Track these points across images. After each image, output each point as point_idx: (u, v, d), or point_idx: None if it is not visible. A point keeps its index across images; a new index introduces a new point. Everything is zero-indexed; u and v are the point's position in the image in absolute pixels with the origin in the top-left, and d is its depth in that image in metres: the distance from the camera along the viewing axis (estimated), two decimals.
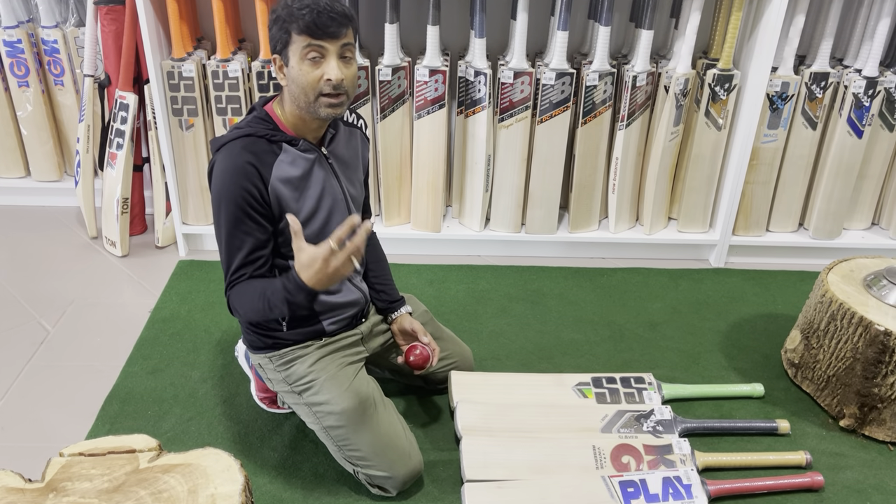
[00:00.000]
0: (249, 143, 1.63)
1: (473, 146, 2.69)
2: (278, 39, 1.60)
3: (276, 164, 1.64)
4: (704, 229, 2.89)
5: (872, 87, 2.62)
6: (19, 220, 3.04)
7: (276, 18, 1.59)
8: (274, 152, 1.65)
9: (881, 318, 1.96)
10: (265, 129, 1.66)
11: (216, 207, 1.64)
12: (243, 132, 1.65)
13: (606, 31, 2.52)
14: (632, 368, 2.28)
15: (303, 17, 1.54)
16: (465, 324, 2.46)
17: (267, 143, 1.65)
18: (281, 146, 1.66)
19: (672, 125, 2.65)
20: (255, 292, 1.64)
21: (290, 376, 1.80)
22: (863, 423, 2.04)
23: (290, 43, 1.58)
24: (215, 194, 1.64)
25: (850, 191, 2.81)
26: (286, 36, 1.58)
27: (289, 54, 1.59)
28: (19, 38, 2.81)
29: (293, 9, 1.56)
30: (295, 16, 1.55)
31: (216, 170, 1.64)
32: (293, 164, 1.67)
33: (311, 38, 1.56)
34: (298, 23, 1.55)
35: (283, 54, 1.61)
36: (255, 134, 1.64)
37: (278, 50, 1.61)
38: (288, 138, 1.67)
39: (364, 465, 1.77)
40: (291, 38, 1.57)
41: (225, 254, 1.67)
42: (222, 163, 1.63)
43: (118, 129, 2.71)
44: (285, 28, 1.57)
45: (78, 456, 1.37)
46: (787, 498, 1.86)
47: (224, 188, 1.62)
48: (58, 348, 2.32)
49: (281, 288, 1.59)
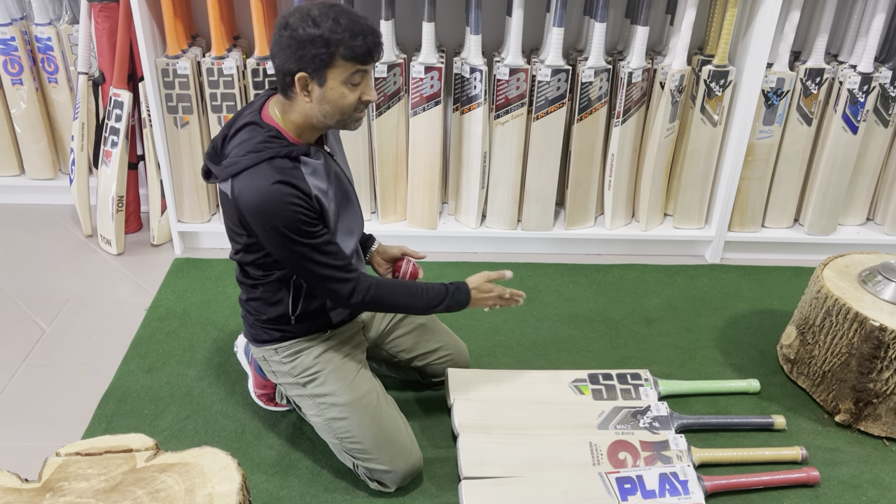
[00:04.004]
0: (277, 165, 1.58)
1: (469, 143, 2.69)
2: (313, 59, 1.52)
3: (306, 178, 1.61)
4: (700, 225, 2.90)
5: (867, 82, 2.62)
6: (14, 219, 3.03)
7: (313, 38, 1.50)
8: (298, 168, 1.61)
9: (876, 313, 1.97)
10: (282, 147, 1.60)
11: (276, 235, 1.58)
12: (265, 156, 1.58)
13: (602, 28, 2.52)
14: (628, 365, 2.29)
15: (358, 46, 1.51)
16: (461, 320, 2.46)
17: (289, 161, 1.61)
18: (300, 160, 1.63)
19: (668, 121, 2.66)
20: (409, 291, 1.76)
21: (295, 367, 1.81)
22: (858, 418, 2.05)
23: (331, 66, 1.53)
24: (271, 225, 1.57)
25: (845, 186, 2.82)
26: (328, 59, 1.52)
27: (327, 76, 1.54)
28: (13, 35, 2.79)
29: (343, 35, 1.50)
30: (346, 43, 1.51)
31: (254, 203, 1.56)
32: (315, 174, 1.65)
33: (360, 65, 1.55)
34: (352, 50, 1.51)
35: (317, 74, 1.54)
36: (277, 155, 1.59)
37: (311, 70, 1.54)
38: (303, 150, 1.63)
39: (364, 459, 1.77)
40: (335, 62, 1.53)
41: (315, 268, 1.63)
42: (259, 194, 1.55)
43: (113, 127, 2.70)
44: (330, 51, 1.51)
45: (74, 455, 1.37)
46: (783, 493, 1.87)
47: (277, 215, 1.55)
48: (53, 347, 2.32)
49: (443, 294, 1.79)
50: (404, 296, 1.76)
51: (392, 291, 1.74)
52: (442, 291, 1.79)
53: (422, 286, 1.78)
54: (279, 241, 1.59)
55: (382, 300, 1.73)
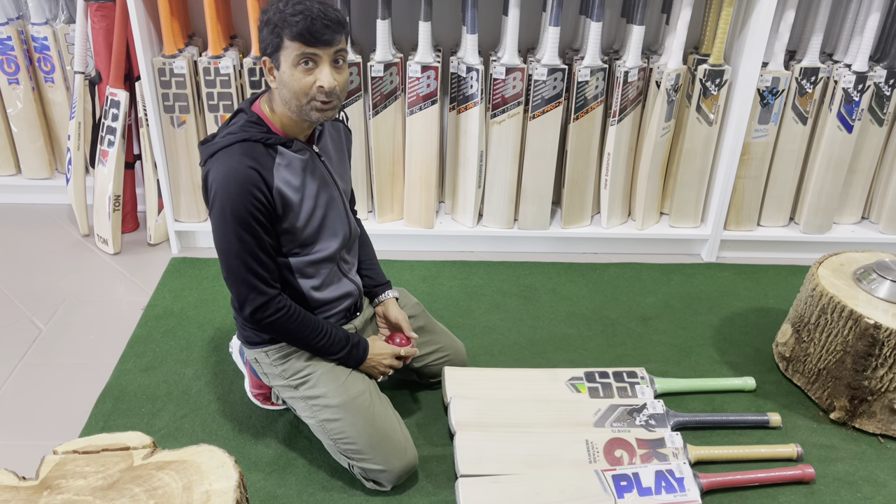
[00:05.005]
0: (247, 148, 1.60)
1: (466, 142, 2.70)
2: (269, 42, 1.57)
3: (275, 168, 1.63)
4: (696, 224, 2.91)
5: (862, 81, 2.63)
6: (10, 218, 3.02)
7: (266, 21, 1.56)
8: (271, 156, 1.63)
9: (871, 311, 1.98)
10: (260, 132, 1.63)
11: (220, 217, 1.60)
12: (238, 137, 1.61)
13: (598, 27, 2.53)
14: (624, 363, 2.30)
15: (296, 24, 1.52)
16: (458, 319, 2.47)
17: (263, 147, 1.62)
18: (276, 149, 1.64)
19: (663, 120, 2.66)
20: (315, 331, 1.75)
21: (286, 370, 1.81)
22: (853, 415, 2.06)
23: (281, 48, 1.56)
24: (219, 204, 1.59)
25: (840, 185, 2.83)
26: (277, 40, 1.55)
27: (280, 59, 1.57)
28: (9, 35, 2.79)
29: (286, 14, 1.53)
30: (288, 22, 1.52)
31: (216, 178, 1.59)
32: (290, 167, 1.66)
33: (305, 46, 1.54)
34: (291, 29, 1.52)
35: (273, 57, 1.59)
36: (252, 139, 1.61)
37: (269, 53, 1.59)
38: (282, 140, 1.65)
39: (359, 459, 1.78)
40: (283, 44, 1.55)
41: (238, 264, 1.63)
42: (223, 170, 1.59)
43: (109, 127, 2.70)
44: (277, 33, 1.54)
45: (72, 453, 1.37)
46: (779, 490, 1.88)
47: (230, 197, 1.58)
48: (50, 346, 2.32)
49: (343, 345, 1.79)
50: (308, 334, 1.74)
51: (300, 325, 1.73)
52: (343, 342, 1.79)
53: (329, 331, 1.77)
54: (220, 222, 1.60)
55: (285, 328, 1.72)
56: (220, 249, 1.65)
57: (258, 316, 1.68)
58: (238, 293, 1.67)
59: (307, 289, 1.78)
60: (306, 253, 1.75)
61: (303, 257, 1.75)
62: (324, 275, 1.80)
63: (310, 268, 1.77)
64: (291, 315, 1.71)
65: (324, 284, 1.81)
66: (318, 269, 1.78)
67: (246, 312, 1.68)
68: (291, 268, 1.75)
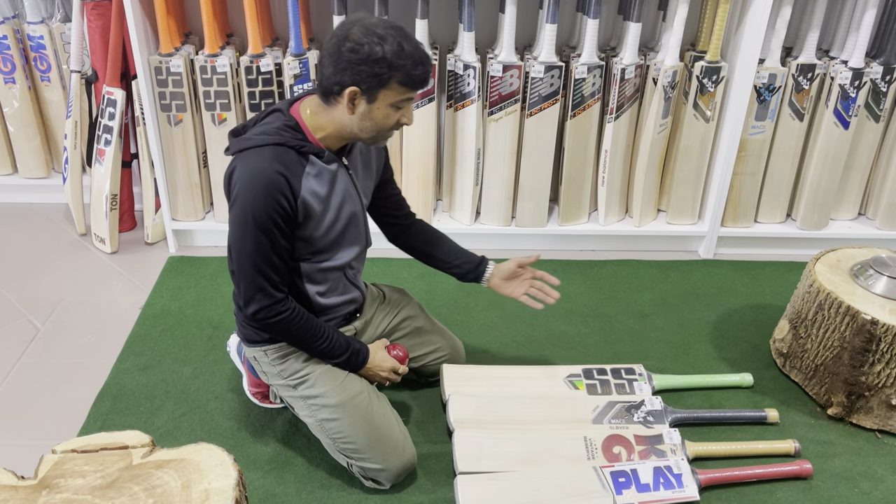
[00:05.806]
0: (280, 152, 1.59)
1: (463, 140, 2.70)
2: (370, 77, 1.53)
3: (304, 177, 1.62)
4: (693, 221, 2.91)
5: (858, 78, 2.64)
6: (7, 218, 3.02)
7: (379, 59, 1.51)
8: (302, 164, 1.62)
9: (868, 307, 1.98)
10: (295, 139, 1.61)
11: (241, 216, 1.58)
12: (273, 139, 1.59)
13: (595, 24, 2.52)
14: (622, 360, 2.30)
15: (417, 74, 1.54)
16: (457, 317, 2.47)
17: (296, 154, 1.61)
18: (308, 157, 1.63)
19: (661, 117, 2.66)
20: (317, 336, 1.74)
21: (285, 370, 1.81)
22: (850, 411, 2.06)
23: (385, 87, 1.54)
24: (241, 203, 1.58)
25: (836, 181, 2.83)
26: (385, 80, 1.53)
27: (378, 96, 1.56)
28: (5, 34, 2.78)
29: (405, 62, 1.52)
30: (406, 69, 1.52)
31: (242, 176, 1.58)
32: (319, 177, 1.65)
33: (412, 91, 1.57)
34: (410, 77, 1.54)
35: (369, 92, 1.55)
36: (287, 144, 1.60)
37: (364, 87, 1.55)
38: (316, 150, 1.64)
39: (358, 458, 1.78)
40: (389, 85, 1.54)
41: (250, 265, 1.62)
42: (250, 170, 1.57)
43: (106, 126, 2.70)
44: (390, 74, 1.53)
45: (70, 453, 1.37)
46: (777, 486, 1.88)
47: (253, 198, 1.57)
48: (48, 346, 2.32)
49: (343, 350, 1.78)
50: (309, 338, 1.74)
51: (301, 328, 1.72)
52: (343, 348, 1.79)
53: (330, 336, 1.77)
54: (239, 221, 1.59)
55: (286, 330, 1.72)
56: (234, 246, 1.64)
57: (260, 316, 1.68)
58: (245, 292, 1.67)
59: (312, 293, 1.79)
60: (318, 260, 1.76)
61: (314, 264, 1.75)
62: (331, 281, 1.81)
63: (318, 274, 1.77)
64: (293, 318, 1.70)
65: (329, 290, 1.81)
66: (327, 275, 1.79)
67: (248, 311, 1.68)
68: (300, 272, 1.76)
